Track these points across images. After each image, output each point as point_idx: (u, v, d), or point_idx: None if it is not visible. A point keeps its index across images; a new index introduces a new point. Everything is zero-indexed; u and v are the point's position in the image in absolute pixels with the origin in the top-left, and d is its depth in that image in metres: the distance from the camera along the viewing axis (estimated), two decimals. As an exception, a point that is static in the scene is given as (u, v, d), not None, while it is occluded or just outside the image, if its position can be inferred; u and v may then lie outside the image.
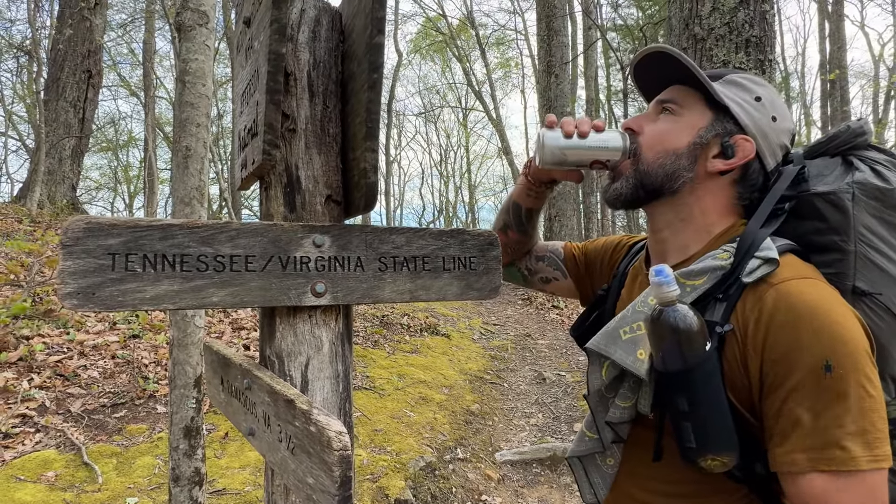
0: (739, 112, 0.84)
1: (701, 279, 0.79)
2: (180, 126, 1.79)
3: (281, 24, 0.82)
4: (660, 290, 0.72)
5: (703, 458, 0.72)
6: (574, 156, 0.92)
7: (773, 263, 0.75)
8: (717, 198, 0.87)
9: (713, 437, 0.70)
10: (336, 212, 0.96)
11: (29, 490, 2.46)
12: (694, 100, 0.87)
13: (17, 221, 6.91)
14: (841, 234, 0.80)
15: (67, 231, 0.74)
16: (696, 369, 0.70)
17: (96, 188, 21.92)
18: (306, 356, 0.92)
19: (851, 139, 0.84)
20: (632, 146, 0.89)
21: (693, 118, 0.86)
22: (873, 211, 0.79)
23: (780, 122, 0.87)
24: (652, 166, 0.87)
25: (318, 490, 0.70)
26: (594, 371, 0.87)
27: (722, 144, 0.85)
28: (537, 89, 12.46)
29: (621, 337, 0.82)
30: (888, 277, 0.78)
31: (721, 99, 0.84)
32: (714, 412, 0.71)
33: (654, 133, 0.88)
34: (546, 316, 9.00)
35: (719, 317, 0.76)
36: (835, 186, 0.81)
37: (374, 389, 4.27)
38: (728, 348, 0.75)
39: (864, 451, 0.66)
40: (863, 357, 0.68)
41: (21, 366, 3.45)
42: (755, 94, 0.86)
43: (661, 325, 0.72)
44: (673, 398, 0.73)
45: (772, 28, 2.93)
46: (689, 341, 0.70)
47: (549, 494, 3.37)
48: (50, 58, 9.25)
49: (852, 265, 0.79)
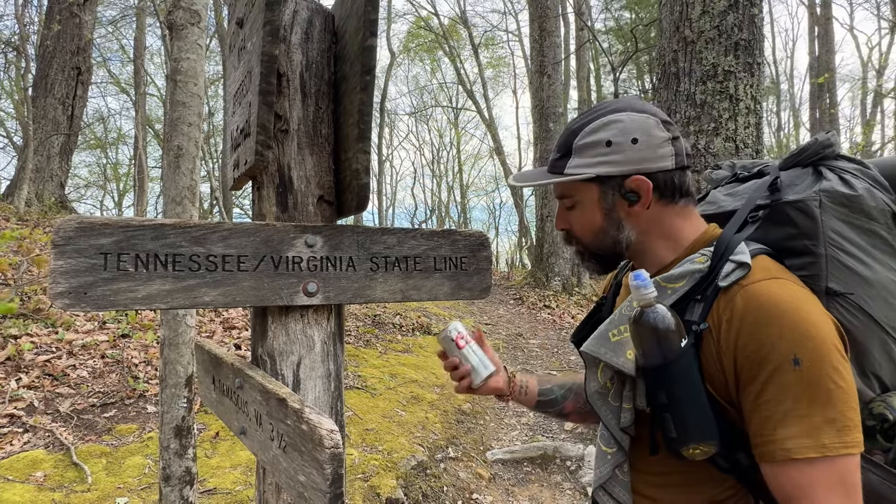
0: (608, 170, 0.87)
1: (680, 282, 0.84)
2: (171, 125, 1.78)
3: (274, 25, 0.82)
4: (638, 293, 0.78)
5: (685, 448, 0.77)
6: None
7: (745, 267, 0.80)
8: (664, 222, 0.91)
9: (692, 427, 0.76)
10: (328, 212, 0.97)
11: (17, 490, 2.43)
12: (577, 185, 0.92)
13: (4, 220, 6.83)
14: (811, 239, 0.85)
15: (59, 230, 0.74)
16: (673, 364, 0.76)
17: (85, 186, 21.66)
18: (298, 355, 0.92)
19: (820, 150, 0.91)
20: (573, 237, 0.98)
21: (587, 197, 0.92)
22: (840, 216, 0.85)
23: (641, 135, 0.87)
24: (594, 246, 0.95)
25: (309, 488, 0.70)
26: (591, 375, 0.93)
27: (624, 196, 0.89)
28: (530, 89, 12.50)
29: (610, 339, 0.88)
30: (858, 278, 0.83)
31: (584, 177, 0.88)
32: (691, 403, 0.76)
33: (577, 225, 0.96)
34: (538, 316, 9.04)
35: (697, 316, 0.81)
36: (804, 195, 0.87)
37: (366, 389, 4.27)
38: (705, 345, 0.80)
39: (835, 438, 0.70)
40: (829, 350, 0.72)
41: (9, 365, 3.41)
42: (603, 140, 0.87)
43: (641, 325, 0.78)
44: (655, 391, 0.79)
45: (760, 31, 2.96)
46: (667, 338, 0.76)
47: (540, 493, 3.39)
48: (38, 54, 9.14)
49: (824, 267, 0.84)
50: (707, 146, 2.94)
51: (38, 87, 8.86)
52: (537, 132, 11.05)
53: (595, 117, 0.89)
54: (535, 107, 11.16)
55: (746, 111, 2.92)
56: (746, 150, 2.92)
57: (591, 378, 0.92)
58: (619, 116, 0.88)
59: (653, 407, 0.81)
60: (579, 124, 0.91)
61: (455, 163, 27.62)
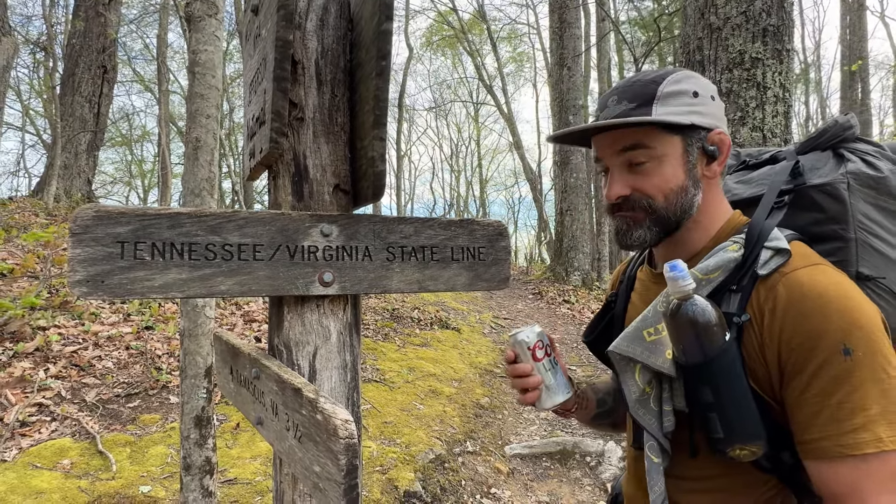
0: (701, 121, 0.83)
1: (716, 272, 0.79)
2: (191, 117, 1.79)
3: (288, 10, 0.81)
4: (675, 285, 0.73)
5: (731, 448, 0.73)
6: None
7: (784, 254, 0.76)
8: (713, 194, 0.88)
9: (739, 426, 0.72)
10: (344, 201, 0.96)
11: (45, 477, 2.50)
12: (656, 133, 0.83)
13: (34, 215, 7.02)
14: (840, 223, 0.82)
15: (76, 219, 0.74)
16: (717, 360, 0.71)
17: (111, 182, 22.20)
18: (314, 346, 0.92)
19: (841, 132, 0.87)
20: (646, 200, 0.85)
21: (670, 151, 0.83)
22: (868, 199, 0.81)
23: (715, 94, 0.87)
24: (670, 210, 0.84)
25: (324, 478, 0.69)
26: (628, 379, 0.84)
27: (706, 152, 0.84)
28: (549, 82, 12.36)
29: (645, 339, 0.82)
30: (889, 261, 0.80)
31: (684, 121, 0.82)
32: (738, 401, 0.72)
33: (649, 184, 0.84)
34: (557, 310, 8.97)
35: (735, 308, 0.77)
36: (830, 178, 0.83)
37: (384, 382, 4.28)
38: (746, 338, 0.76)
39: (890, 431, 0.66)
40: (881, 338, 0.69)
41: (37, 356, 3.51)
42: (690, 91, 0.84)
43: (679, 318, 0.73)
44: (697, 390, 0.74)
45: (790, 17, 2.86)
46: (708, 333, 0.71)
47: (559, 488, 3.36)
48: (65, 53, 9.35)
49: (854, 252, 0.81)
50: (733, 136, 2.86)
51: (66, 86, 9.07)
52: (556, 125, 10.93)
53: (668, 72, 0.85)
54: (554, 99, 11.03)
55: (775, 99, 2.83)
56: (774, 139, 2.83)
57: (629, 383, 0.84)
58: (692, 73, 0.85)
59: (694, 406, 0.77)
60: (654, 76, 0.84)
61: (474, 157, 27.56)
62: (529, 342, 1.00)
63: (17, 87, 15.13)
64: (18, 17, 14.09)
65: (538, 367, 0.99)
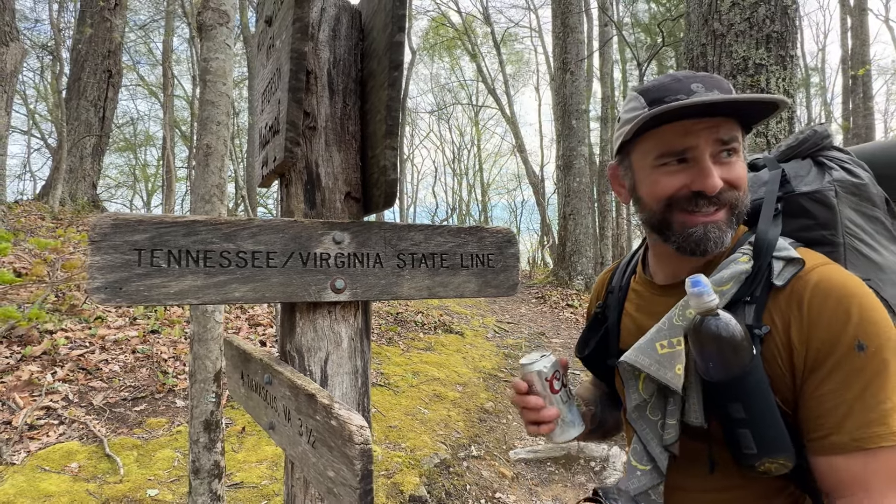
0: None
1: (728, 285, 0.80)
2: (201, 124, 1.81)
3: (303, 22, 0.83)
4: (699, 301, 0.72)
5: (761, 463, 0.73)
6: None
7: (797, 263, 0.78)
8: None
9: (771, 441, 0.73)
10: (355, 209, 0.97)
11: (54, 481, 2.52)
12: (740, 129, 0.84)
13: (39, 218, 7.07)
14: (829, 229, 0.85)
15: (95, 227, 0.76)
16: (748, 376, 0.72)
17: (115, 186, 22.33)
18: (326, 351, 0.93)
19: (820, 141, 0.91)
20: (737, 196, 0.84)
21: (741, 146, 0.85)
22: (852, 205, 0.85)
23: None
24: (745, 207, 0.85)
25: (338, 483, 0.71)
26: (630, 388, 0.86)
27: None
28: (552, 86, 12.39)
29: (658, 351, 0.81)
30: (872, 264, 0.83)
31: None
32: (769, 416, 0.73)
33: (737, 177, 0.83)
34: (560, 314, 8.96)
35: (751, 319, 0.77)
36: (818, 186, 0.86)
37: (389, 386, 4.29)
38: (766, 349, 0.77)
39: None
40: (892, 333, 0.71)
41: (45, 359, 3.53)
42: None
43: (703, 334, 0.72)
44: (726, 407, 0.74)
45: (793, 23, 2.87)
46: (735, 349, 0.71)
47: (564, 493, 3.36)
48: (72, 58, 9.42)
49: (843, 256, 0.84)
50: (737, 141, 2.86)
51: (72, 90, 9.14)
52: (559, 129, 10.94)
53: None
54: (557, 104, 11.05)
55: (778, 105, 2.83)
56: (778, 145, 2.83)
57: (631, 392, 0.86)
58: None
59: (722, 422, 0.77)
60: (717, 76, 0.85)
61: (476, 161, 27.58)
62: (547, 373, 0.94)
63: (23, 92, 15.25)
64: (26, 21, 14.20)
65: (555, 399, 0.94)
